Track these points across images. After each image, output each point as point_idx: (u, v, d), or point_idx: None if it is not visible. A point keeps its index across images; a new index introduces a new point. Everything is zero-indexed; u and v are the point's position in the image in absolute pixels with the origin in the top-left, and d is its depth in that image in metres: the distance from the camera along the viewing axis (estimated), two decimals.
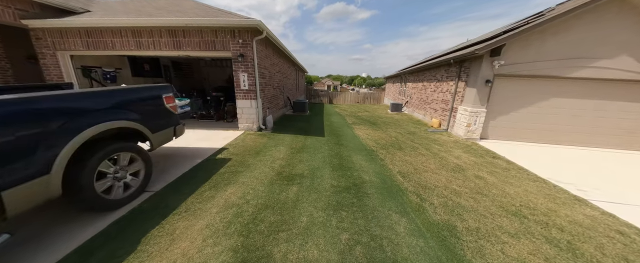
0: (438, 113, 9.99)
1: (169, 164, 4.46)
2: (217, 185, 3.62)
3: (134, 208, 3.03)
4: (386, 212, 3.09)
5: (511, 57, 6.94)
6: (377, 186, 3.87)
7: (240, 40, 6.47)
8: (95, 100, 2.82)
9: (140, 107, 3.36)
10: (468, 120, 7.52)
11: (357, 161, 5.06)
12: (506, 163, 5.63)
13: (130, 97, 3.25)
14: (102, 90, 3.03)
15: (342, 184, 3.85)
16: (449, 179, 4.40)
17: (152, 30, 6.64)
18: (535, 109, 7.39)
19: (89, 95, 2.80)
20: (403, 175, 4.41)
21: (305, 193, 3.47)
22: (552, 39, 6.69)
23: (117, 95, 3.11)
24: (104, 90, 3.05)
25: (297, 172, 4.31)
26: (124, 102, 3.15)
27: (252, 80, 6.96)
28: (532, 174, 5.00)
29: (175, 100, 4.10)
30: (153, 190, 3.47)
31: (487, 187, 4.16)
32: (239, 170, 4.24)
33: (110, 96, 3.01)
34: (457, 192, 3.86)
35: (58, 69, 7.53)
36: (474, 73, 7.47)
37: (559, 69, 6.88)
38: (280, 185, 3.69)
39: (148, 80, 11.30)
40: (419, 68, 12.58)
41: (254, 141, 6.27)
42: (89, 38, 7.01)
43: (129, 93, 3.27)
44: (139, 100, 3.36)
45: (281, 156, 5.15)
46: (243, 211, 2.95)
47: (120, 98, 3.12)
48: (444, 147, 6.73)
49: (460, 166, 5.20)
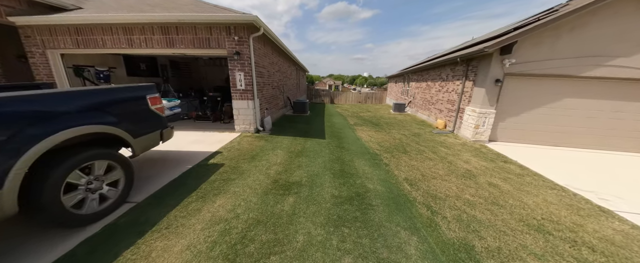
0: (443, 113, 9.61)
1: (156, 170, 4.12)
2: (206, 195, 3.27)
3: (110, 223, 2.69)
4: (394, 228, 2.74)
5: (522, 55, 6.56)
6: (383, 196, 3.52)
7: (236, 38, 6.12)
8: (64, 102, 2.48)
9: (120, 110, 3.02)
10: (476, 121, 7.15)
11: (360, 166, 4.71)
12: (519, 168, 5.26)
13: (107, 98, 2.91)
14: (74, 90, 2.69)
15: (344, 194, 3.49)
16: (461, 187, 4.04)
17: (144, 27, 6.31)
18: (546, 110, 7.01)
19: (57, 96, 2.47)
20: (410, 183, 4.05)
21: (302, 205, 3.11)
22: (567, 35, 6.30)
23: (92, 96, 2.77)
24: (77, 90, 2.71)
25: (294, 179, 3.96)
26: (100, 104, 2.81)
27: (249, 80, 6.62)
28: (548, 181, 4.63)
29: (162, 101, 3.77)
30: (134, 200, 3.13)
31: (503, 197, 3.80)
32: (231, 177, 3.89)
33: (82, 97, 2.67)
34: (471, 203, 3.50)
35: (48, 68, 7.23)
36: (483, 72, 7.09)
37: (573, 68, 6.49)
38: (275, 196, 3.34)
39: (144, 80, 10.98)
40: (423, 67, 12.19)
41: (251, 144, 5.93)
42: (79, 36, 6.69)
43: (105, 94, 2.93)
44: (118, 102, 3.02)
45: (278, 161, 4.80)
46: (232, 228, 2.60)
47: (95, 99, 2.78)
48: (451, 150, 6.36)
49: (471, 172, 4.83)
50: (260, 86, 7.48)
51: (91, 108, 2.70)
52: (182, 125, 7.88)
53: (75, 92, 2.67)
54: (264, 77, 8.00)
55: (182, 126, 7.66)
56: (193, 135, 6.64)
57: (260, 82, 7.56)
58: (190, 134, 6.69)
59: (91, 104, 2.71)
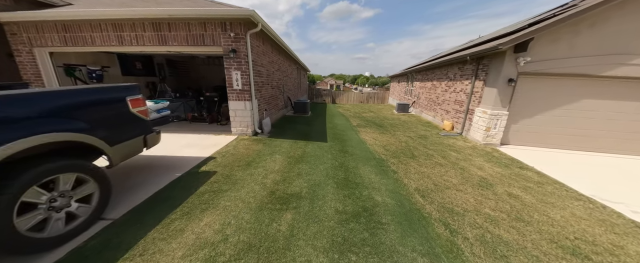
0: (450, 114, 9.18)
1: (142, 178, 3.74)
2: (192, 211, 2.87)
3: (78, 246, 2.31)
4: (409, 254, 2.33)
5: (538, 53, 6.12)
6: (393, 211, 3.11)
7: (232, 34, 5.72)
8: (20, 106, 2.09)
9: (93, 114, 2.62)
10: (487, 123, 6.72)
11: (366, 174, 4.30)
12: (537, 175, 4.84)
13: (75, 100, 2.52)
14: (35, 91, 2.30)
15: (349, 209, 3.09)
16: (478, 199, 3.63)
17: (134, 23, 5.92)
18: (563, 112, 6.56)
19: (12, 99, 2.08)
20: (422, 194, 3.64)
21: (302, 224, 2.71)
22: (587, 31, 5.85)
23: (57, 98, 2.38)
24: (38, 91, 2.32)
25: (293, 190, 3.55)
26: (67, 108, 2.42)
27: (246, 79, 6.22)
28: (572, 190, 4.21)
29: (146, 103, 3.38)
30: (110, 217, 2.75)
31: (527, 210, 3.39)
32: (222, 188, 3.49)
33: (45, 100, 2.28)
34: (493, 219, 3.09)
35: (35, 67, 6.87)
36: (495, 71, 6.66)
37: (593, 67, 6.04)
38: (271, 211, 2.94)
39: (139, 80, 10.62)
40: (429, 66, 11.75)
41: (247, 148, 5.53)
42: (67, 33, 6.32)
43: (74, 95, 2.54)
44: (90, 105, 2.62)
45: (276, 168, 4.40)
46: (218, 255, 2.20)
47: (61, 102, 2.39)
48: (462, 154, 5.94)
49: (486, 180, 4.42)
50: (258, 86, 7.08)
51: (55, 113, 2.31)
52: (176, 127, 7.50)
53: (35, 94, 2.27)
54: (262, 76, 7.60)
55: (177, 128, 7.28)
56: (186, 138, 6.25)
57: (259, 81, 7.16)
58: (184, 137, 6.31)
59: (56, 108, 2.32)
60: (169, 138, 6.03)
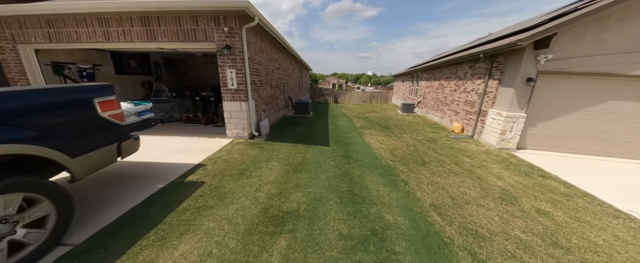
0: (460, 116, 8.66)
1: (119, 190, 3.29)
2: (168, 235, 2.41)
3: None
4: None
5: (560, 50, 5.59)
6: (408, 235, 2.62)
7: (226, 29, 5.25)
8: None
9: (45, 120, 2.17)
10: (503, 126, 6.20)
11: (373, 186, 3.82)
12: (563, 185, 4.33)
13: (24, 103, 2.06)
14: None
15: (356, 232, 2.61)
16: (504, 217, 3.14)
17: (122, 17, 5.48)
18: (586, 114, 6.03)
19: None
20: (439, 212, 3.15)
21: (298, 254, 2.24)
22: (615, 26, 5.31)
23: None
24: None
25: (290, 207, 3.08)
26: (12, 113, 1.97)
27: (242, 78, 5.76)
28: (606, 205, 3.71)
29: (120, 105, 2.92)
30: (71, 243, 2.30)
31: (563, 232, 2.89)
32: (208, 204, 3.03)
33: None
34: (526, 244, 2.60)
35: (20, 66, 6.46)
36: (511, 69, 6.14)
37: (621, 65, 5.50)
38: (262, 236, 2.47)
39: (134, 78, 10.21)
40: (436, 64, 11.22)
41: (242, 154, 5.07)
42: (51, 28, 5.90)
43: (22, 97, 2.09)
44: (41, 110, 2.17)
45: (272, 178, 3.93)
46: None
47: (4, 106, 1.95)
48: (476, 160, 5.44)
49: (508, 192, 3.93)
50: (255, 85, 6.62)
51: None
52: (169, 128, 7.07)
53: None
54: (260, 75, 7.14)
55: (169, 130, 6.84)
56: (178, 141, 5.81)
57: (256, 80, 6.70)
58: (175, 140, 5.86)
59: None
60: (158, 142, 5.60)
